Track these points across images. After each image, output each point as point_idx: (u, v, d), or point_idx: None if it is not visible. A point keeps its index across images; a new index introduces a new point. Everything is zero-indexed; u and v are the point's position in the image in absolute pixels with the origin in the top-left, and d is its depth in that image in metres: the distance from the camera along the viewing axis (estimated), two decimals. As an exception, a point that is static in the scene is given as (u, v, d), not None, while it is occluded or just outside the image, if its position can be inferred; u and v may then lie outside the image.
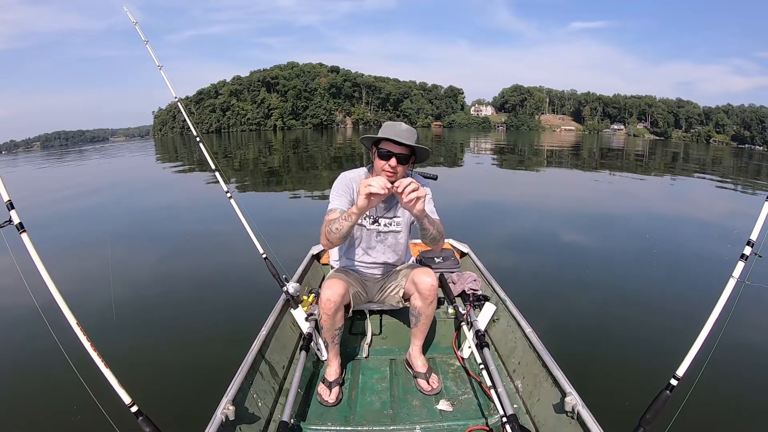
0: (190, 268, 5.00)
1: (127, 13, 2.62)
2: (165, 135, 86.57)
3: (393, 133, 1.70)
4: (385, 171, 1.73)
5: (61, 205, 9.39)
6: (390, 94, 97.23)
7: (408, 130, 1.73)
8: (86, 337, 1.35)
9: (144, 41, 2.61)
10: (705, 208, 9.67)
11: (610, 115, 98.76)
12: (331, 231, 1.67)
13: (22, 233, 1.38)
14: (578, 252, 5.60)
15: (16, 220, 1.37)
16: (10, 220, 1.36)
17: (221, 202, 2.55)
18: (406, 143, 1.69)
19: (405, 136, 1.70)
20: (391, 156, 1.71)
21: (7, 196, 1.38)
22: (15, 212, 1.37)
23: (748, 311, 3.50)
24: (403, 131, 1.72)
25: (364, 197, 1.52)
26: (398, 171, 1.74)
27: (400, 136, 1.69)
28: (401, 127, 1.74)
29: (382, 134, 1.73)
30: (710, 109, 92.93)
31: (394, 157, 1.71)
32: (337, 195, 1.85)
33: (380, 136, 1.73)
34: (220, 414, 1.45)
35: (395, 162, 1.71)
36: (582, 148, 34.28)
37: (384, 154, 1.72)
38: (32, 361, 2.87)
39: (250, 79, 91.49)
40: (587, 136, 79.06)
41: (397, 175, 1.74)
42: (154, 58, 2.62)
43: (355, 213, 1.60)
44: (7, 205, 1.38)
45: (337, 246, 1.87)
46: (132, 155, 28.92)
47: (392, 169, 1.73)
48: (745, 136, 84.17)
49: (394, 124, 1.75)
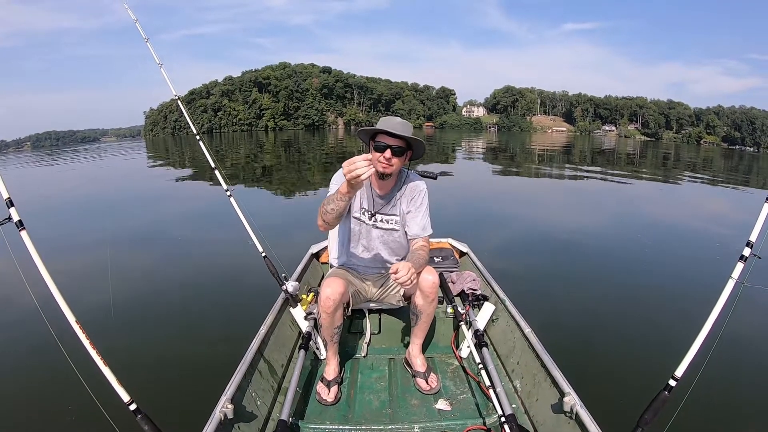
0: (189, 266, 5.00)
1: (128, 10, 2.61)
2: (156, 135, 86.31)
3: (388, 126, 1.74)
4: (381, 163, 1.76)
5: (60, 205, 9.38)
6: (382, 94, 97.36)
7: (403, 123, 1.77)
8: (85, 334, 1.35)
9: (144, 39, 2.60)
10: (702, 210, 9.69)
11: (602, 116, 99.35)
12: (326, 211, 1.70)
13: (22, 231, 1.37)
14: (577, 252, 5.60)
15: (15, 218, 1.37)
16: (9, 218, 1.36)
17: (220, 200, 2.55)
18: (400, 135, 1.72)
19: (400, 128, 1.73)
20: (386, 148, 1.74)
21: (6, 193, 1.38)
22: (14, 209, 1.37)
23: (747, 312, 3.51)
24: (398, 124, 1.75)
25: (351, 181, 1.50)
26: (394, 163, 1.77)
27: (395, 129, 1.72)
28: (396, 120, 1.77)
29: (378, 127, 1.77)
30: (701, 111, 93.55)
31: (389, 149, 1.74)
32: (336, 184, 1.85)
33: (376, 129, 1.76)
34: (219, 412, 1.45)
35: (390, 153, 1.74)
36: (573, 149, 34.44)
37: (380, 146, 1.75)
38: (31, 358, 2.87)
39: (241, 79, 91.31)
40: (578, 137, 79.38)
41: (392, 167, 1.78)
42: (155, 56, 2.61)
43: (345, 192, 1.59)
44: (6, 202, 1.37)
45: (333, 227, 1.89)
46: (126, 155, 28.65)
47: (387, 161, 1.76)
48: (736, 138, 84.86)
49: (390, 118, 1.79)
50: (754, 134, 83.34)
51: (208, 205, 8.35)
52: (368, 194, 1.94)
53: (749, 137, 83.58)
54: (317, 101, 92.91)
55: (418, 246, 1.91)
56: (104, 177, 15.68)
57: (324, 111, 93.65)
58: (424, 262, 1.85)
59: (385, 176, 1.83)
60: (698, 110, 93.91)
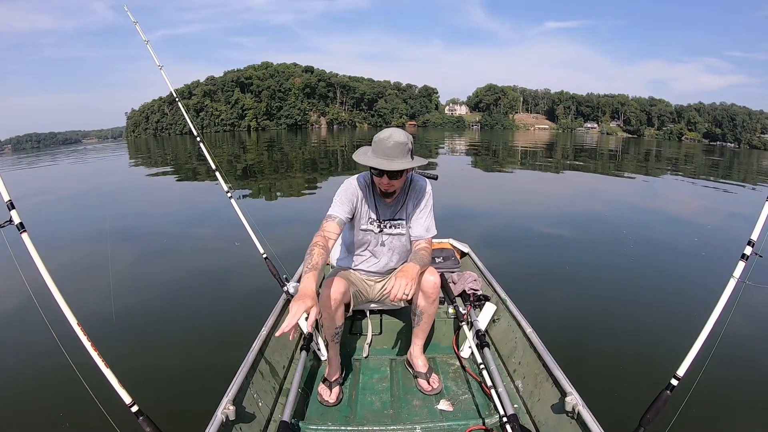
0: (189, 267, 5.00)
1: (128, 13, 2.63)
2: (138, 136, 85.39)
3: (380, 154, 1.65)
4: (382, 184, 1.75)
5: (58, 206, 9.39)
6: (364, 93, 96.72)
7: (395, 147, 1.64)
8: (87, 336, 1.36)
9: (145, 41, 2.62)
10: (700, 208, 9.68)
11: (584, 113, 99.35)
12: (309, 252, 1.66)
13: (23, 233, 1.38)
14: (578, 252, 5.58)
15: (16, 220, 1.37)
16: (10, 220, 1.37)
17: (220, 201, 2.55)
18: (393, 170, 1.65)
19: (393, 154, 1.64)
20: (383, 174, 1.69)
21: (7, 195, 1.38)
22: (15, 212, 1.37)
23: (749, 311, 3.50)
24: (389, 149, 1.64)
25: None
26: (395, 185, 1.75)
27: (387, 155, 1.64)
28: (389, 143, 1.64)
29: (371, 153, 1.70)
30: (682, 108, 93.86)
31: (386, 175, 1.69)
32: (339, 202, 1.81)
33: (368, 165, 1.68)
34: (221, 414, 1.45)
35: (387, 179, 1.71)
36: (556, 147, 34.50)
37: (376, 173, 1.73)
38: (33, 360, 2.87)
39: (223, 79, 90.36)
40: (561, 134, 79.19)
41: (395, 186, 1.76)
42: (155, 58, 2.63)
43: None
44: (7, 204, 1.38)
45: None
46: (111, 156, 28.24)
47: (388, 185, 1.74)
48: (717, 134, 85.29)
49: (383, 141, 1.66)
50: (735, 130, 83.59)
51: (207, 206, 8.35)
52: (375, 204, 1.90)
53: (730, 133, 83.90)
54: (300, 101, 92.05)
55: (421, 247, 1.88)
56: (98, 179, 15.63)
57: (306, 110, 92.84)
58: (426, 262, 1.83)
59: (389, 195, 1.81)
60: (679, 107, 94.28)
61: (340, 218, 1.77)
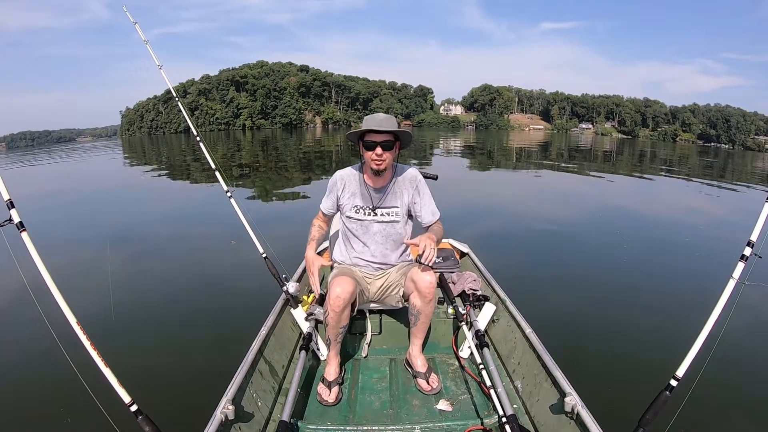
0: (189, 267, 5.00)
1: (127, 13, 2.63)
2: (133, 135, 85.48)
3: (373, 124, 1.83)
4: (374, 160, 1.86)
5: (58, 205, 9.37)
6: (360, 93, 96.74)
7: (387, 118, 1.87)
8: (86, 336, 1.36)
9: (144, 41, 2.62)
10: (698, 209, 9.69)
11: (579, 114, 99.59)
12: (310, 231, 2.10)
13: (23, 232, 1.38)
14: (577, 252, 5.59)
15: (16, 219, 1.37)
16: (10, 219, 1.37)
17: (219, 201, 2.55)
18: (386, 130, 1.82)
19: (385, 124, 1.84)
20: (375, 146, 1.84)
21: (7, 194, 1.38)
22: (15, 211, 1.37)
23: (748, 312, 3.50)
24: (382, 120, 1.85)
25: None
26: (386, 157, 1.87)
27: (381, 125, 1.83)
28: (380, 116, 1.87)
29: (364, 127, 1.86)
30: (677, 109, 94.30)
31: (379, 145, 1.83)
32: (325, 196, 2.08)
33: (363, 129, 1.85)
34: (220, 413, 1.45)
35: (381, 150, 1.84)
36: (551, 147, 34.64)
37: (369, 145, 1.85)
38: (32, 359, 2.87)
39: (219, 78, 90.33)
40: (556, 135, 79.37)
41: (385, 162, 1.87)
42: (155, 58, 2.62)
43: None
44: (7, 204, 1.38)
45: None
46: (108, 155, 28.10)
47: (379, 157, 1.85)
48: (711, 135, 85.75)
49: (374, 116, 1.89)
50: (729, 132, 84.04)
51: (207, 205, 8.35)
52: (363, 192, 2.00)
53: (724, 134, 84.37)
54: (295, 100, 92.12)
55: (435, 225, 2.02)
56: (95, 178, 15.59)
57: (302, 110, 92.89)
58: (442, 236, 2.01)
59: (380, 172, 1.92)
60: (674, 108, 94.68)
61: (323, 211, 2.09)
